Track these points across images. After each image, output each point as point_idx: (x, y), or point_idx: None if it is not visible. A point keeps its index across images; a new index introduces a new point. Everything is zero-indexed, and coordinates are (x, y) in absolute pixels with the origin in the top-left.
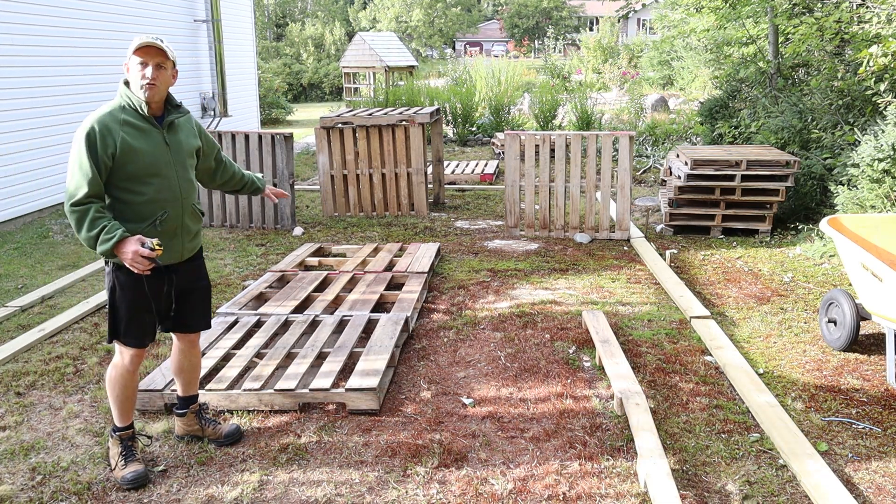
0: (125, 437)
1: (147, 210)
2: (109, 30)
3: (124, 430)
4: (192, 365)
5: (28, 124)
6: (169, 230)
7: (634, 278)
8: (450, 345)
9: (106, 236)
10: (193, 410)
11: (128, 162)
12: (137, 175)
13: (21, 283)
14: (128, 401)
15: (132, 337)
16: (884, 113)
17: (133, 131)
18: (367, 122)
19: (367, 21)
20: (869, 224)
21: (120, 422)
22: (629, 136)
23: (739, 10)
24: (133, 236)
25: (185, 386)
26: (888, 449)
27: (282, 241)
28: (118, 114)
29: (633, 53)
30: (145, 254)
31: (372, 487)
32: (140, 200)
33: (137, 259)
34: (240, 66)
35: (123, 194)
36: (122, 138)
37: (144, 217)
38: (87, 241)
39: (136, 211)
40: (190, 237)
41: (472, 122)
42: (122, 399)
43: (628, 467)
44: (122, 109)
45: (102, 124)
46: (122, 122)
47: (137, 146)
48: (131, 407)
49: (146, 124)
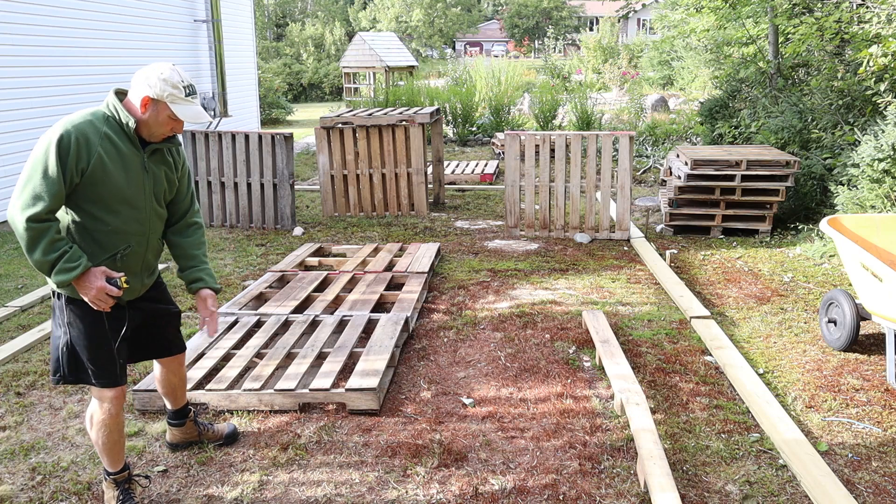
0: (121, 479)
1: (109, 241)
2: (109, 30)
3: (118, 473)
4: (181, 381)
5: (28, 124)
6: (129, 266)
7: (634, 278)
8: (450, 345)
9: (66, 265)
10: (191, 418)
11: (98, 183)
12: (106, 200)
13: (21, 283)
14: (116, 445)
15: (106, 376)
16: (884, 113)
17: (112, 149)
18: (367, 122)
19: (367, 21)
20: (869, 224)
21: (112, 467)
22: (629, 136)
23: (739, 10)
24: (97, 268)
25: (177, 400)
26: (888, 449)
27: (282, 241)
28: (100, 125)
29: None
30: (113, 292)
31: (372, 487)
32: (103, 229)
33: (101, 296)
34: (240, 66)
35: (85, 219)
36: (99, 155)
37: (105, 249)
38: (40, 266)
39: (97, 240)
40: (149, 272)
41: (472, 122)
42: (109, 445)
43: (628, 467)
44: (106, 120)
45: (80, 132)
46: (102, 135)
47: (112, 167)
48: (122, 449)
49: (128, 144)
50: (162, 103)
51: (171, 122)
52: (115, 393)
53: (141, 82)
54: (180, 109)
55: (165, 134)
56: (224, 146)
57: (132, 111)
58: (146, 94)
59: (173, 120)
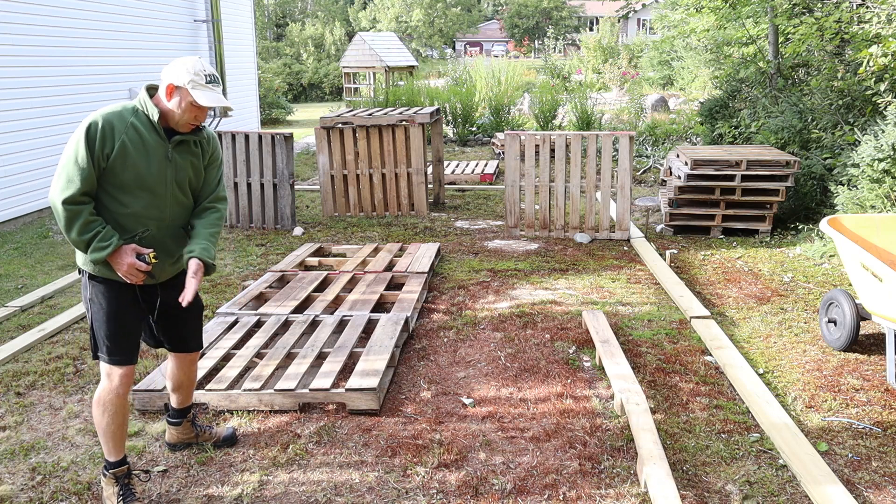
0: (120, 474)
1: (128, 223)
2: (110, 30)
3: (118, 465)
4: (190, 381)
5: (28, 124)
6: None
7: (634, 278)
8: (450, 345)
9: (100, 244)
10: (189, 419)
11: (120, 168)
12: (125, 184)
13: (21, 283)
14: (119, 429)
15: (118, 353)
16: (884, 113)
17: (136, 138)
18: (367, 122)
19: (367, 21)
20: (869, 224)
21: (112, 455)
22: (629, 136)
23: (739, 10)
24: (128, 245)
25: (182, 399)
26: (888, 449)
27: (282, 241)
28: (128, 115)
29: (633, 53)
30: (142, 267)
31: (372, 487)
32: (123, 212)
33: (132, 271)
34: (240, 66)
35: (108, 201)
36: (123, 142)
37: (125, 230)
38: (77, 244)
39: (117, 222)
40: (172, 260)
41: (472, 122)
42: (112, 428)
43: (628, 467)
44: (134, 112)
45: (107, 121)
46: (129, 124)
47: (135, 154)
48: (123, 437)
49: (153, 134)
50: (184, 90)
51: (194, 109)
52: (124, 370)
53: (167, 74)
54: (200, 94)
55: (189, 122)
56: (224, 146)
57: (159, 104)
58: (170, 83)
59: (195, 107)
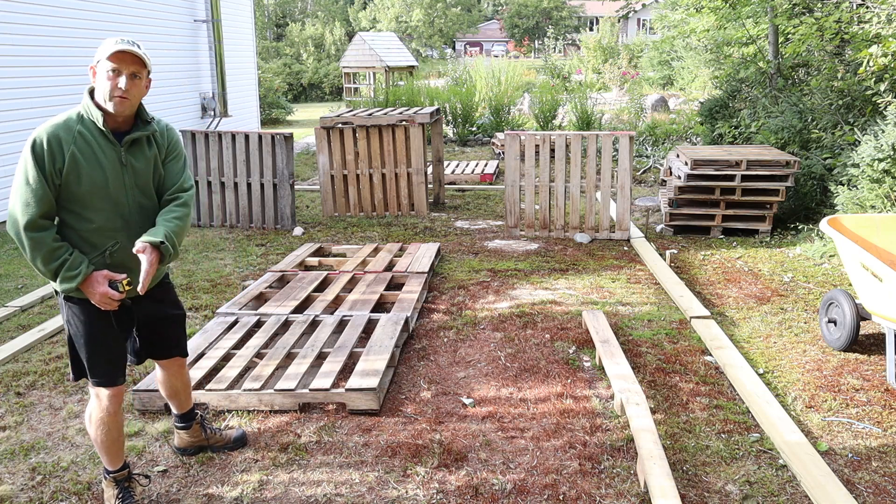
0: (121, 477)
1: (95, 239)
2: (110, 30)
3: (118, 471)
4: (184, 384)
5: (28, 125)
6: (121, 262)
7: (634, 278)
8: (450, 345)
9: (68, 273)
10: (198, 421)
11: (73, 181)
12: (83, 198)
13: (21, 283)
14: (115, 443)
15: (102, 375)
16: (884, 113)
17: (86, 146)
18: (367, 122)
19: (367, 21)
20: (869, 224)
21: (111, 465)
22: (629, 136)
23: (739, 10)
24: (99, 272)
25: (182, 403)
26: (888, 449)
27: (282, 241)
28: (74, 124)
29: (633, 53)
30: (115, 296)
31: (372, 487)
32: (88, 227)
33: (105, 301)
34: (240, 66)
35: (69, 218)
36: (72, 153)
37: (94, 246)
38: (45, 274)
39: (84, 239)
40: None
41: (472, 122)
42: (108, 443)
43: (628, 467)
44: (80, 120)
45: (52, 134)
46: (76, 134)
47: (87, 165)
48: (120, 448)
49: (102, 140)
50: (101, 61)
51: (111, 73)
52: (111, 392)
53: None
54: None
55: (115, 94)
56: (224, 146)
57: (99, 105)
58: (91, 66)
59: (111, 66)
